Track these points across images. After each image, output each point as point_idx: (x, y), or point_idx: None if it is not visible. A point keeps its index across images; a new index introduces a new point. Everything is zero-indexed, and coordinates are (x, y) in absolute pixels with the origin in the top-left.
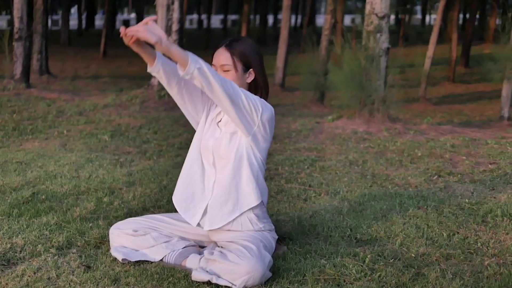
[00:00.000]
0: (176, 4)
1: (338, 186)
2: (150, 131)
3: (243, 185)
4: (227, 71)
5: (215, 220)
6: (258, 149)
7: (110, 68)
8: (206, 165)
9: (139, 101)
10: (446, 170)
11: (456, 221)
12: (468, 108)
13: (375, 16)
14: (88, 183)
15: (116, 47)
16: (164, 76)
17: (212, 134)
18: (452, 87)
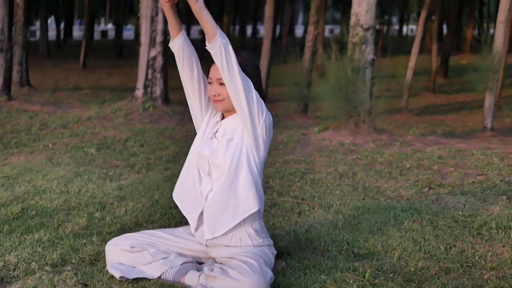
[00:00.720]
0: (160, 16)
1: (331, 199)
2: (137, 144)
3: (242, 190)
4: (223, 84)
5: (217, 227)
6: (258, 154)
7: (90, 79)
8: (202, 173)
9: (123, 113)
10: (436, 182)
11: (451, 234)
12: (450, 118)
13: (360, 28)
14: (78, 198)
15: (96, 58)
16: (181, 54)
17: (208, 144)
18: (432, 98)
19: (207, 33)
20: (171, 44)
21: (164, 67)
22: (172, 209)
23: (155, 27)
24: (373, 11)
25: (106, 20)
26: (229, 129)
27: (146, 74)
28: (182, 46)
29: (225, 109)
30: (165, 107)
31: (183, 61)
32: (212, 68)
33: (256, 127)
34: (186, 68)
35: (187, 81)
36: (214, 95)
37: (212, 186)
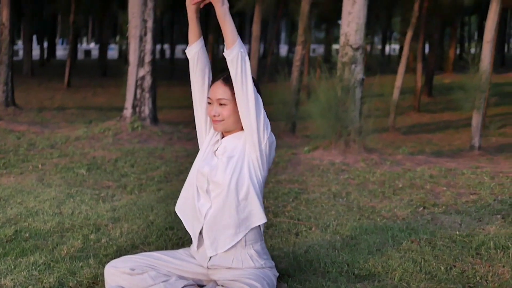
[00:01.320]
0: (149, 36)
1: (327, 220)
2: (127, 164)
3: (244, 207)
4: (223, 105)
5: (219, 244)
6: (260, 171)
7: (75, 99)
8: (200, 191)
9: (112, 133)
10: (430, 201)
11: (451, 254)
12: (437, 137)
13: (349, 48)
14: (72, 219)
15: (80, 77)
16: (196, 61)
17: (208, 162)
18: (418, 117)
19: (227, 39)
20: (188, 50)
21: (152, 87)
22: (168, 231)
23: (144, 46)
24: (362, 31)
25: (88, 40)
26: (229, 147)
27: (134, 94)
28: (199, 53)
29: (224, 129)
30: (153, 127)
31: (196, 69)
32: (212, 88)
33: (261, 143)
34: (199, 76)
35: (197, 91)
36: (214, 115)
37: (211, 204)
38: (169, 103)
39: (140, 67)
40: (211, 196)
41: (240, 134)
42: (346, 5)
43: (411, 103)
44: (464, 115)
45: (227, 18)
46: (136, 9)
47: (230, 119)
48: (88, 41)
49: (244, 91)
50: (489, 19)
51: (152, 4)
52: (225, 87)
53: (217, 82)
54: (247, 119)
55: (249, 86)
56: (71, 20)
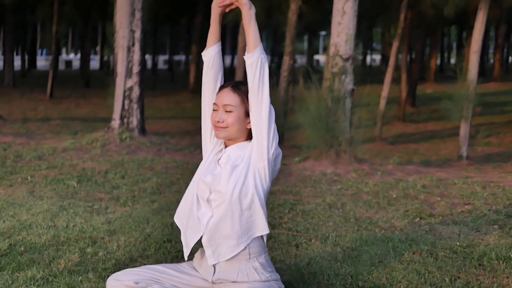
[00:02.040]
0: (137, 46)
1: (326, 231)
2: (117, 175)
3: (247, 217)
4: (229, 112)
5: (221, 253)
6: (265, 182)
7: (59, 110)
8: (201, 200)
9: (100, 145)
10: (426, 211)
11: (454, 265)
12: (423, 147)
13: (339, 58)
14: (67, 232)
15: (62, 88)
16: (211, 64)
17: (211, 171)
18: (403, 127)
19: (250, 43)
20: (205, 53)
21: (140, 98)
22: (166, 243)
23: (132, 57)
24: (352, 42)
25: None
26: (233, 157)
27: (122, 105)
28: (215, 57)
29: (226, 137)
30: (142, 137)
31: (210, 72)
32: (220, 94)
33: (269, 152)
34: (211, 80)
35: (207, 96)
36: (217, 121)
37: (213, 213)
38: (153, 114)
39: (128, 78)
40: (212, 205)
41: (245, 144)
42: (336, 15)
43: (395, 113)
44: (448, 125)
45: (253, 22)
46: (124, 20)
47: (234, 127)
48: (68, 52)
49: (260, 97)
50: (476, 29)
51: (140, 15)
52: (234, 94)
53: (225, 89)
54: (259, 126)
55: (265, 93)
56: (54, 31)
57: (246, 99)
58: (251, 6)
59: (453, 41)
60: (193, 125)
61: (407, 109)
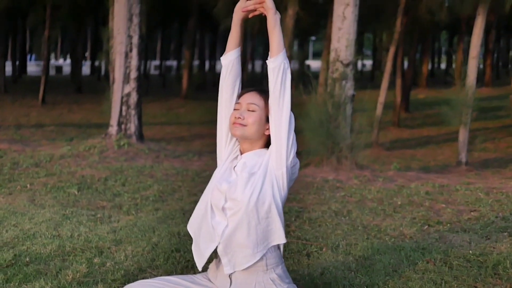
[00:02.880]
0: (135, 52)
1: (335, 240)
2: (118, 183)
3: (264, 225)
4: (252, 111)
5: (237, 262)
6: (283, 190)
7: (52, 115)
8: (215, 208)
9: (98, 151)
10: (433, 219)
11: (469, 274)
12: (420, 153)
13: (340, 64)
14: (72, 242)
15: (54, 94)
16: (230, 69)
17: (226, 178)
18: (398, 132)
19: (273, 47)
20: (224, 57)
21: (138, 104)
22: (175, 253)
23: (129, 63)
24: (352, 47)
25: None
26: (249, 164)
27: (120, 111)
28: (234, 62)
29: (243, 135)
30: (140, 144)
31: (228, 77)
32: (244, 95)
33: (288, 159)
34: (230, 85)
35: (225, 101)
36: (237, 117)
37: (228, 222)
38: (146, 120)
39: (125, 84)
40: (227, 214)
41: (261, 152)
42: (336, 21)
43: (390, 119)
44: (443, 131)
45: (277, 27)
46: (121, 25)
47: (253, 127)
48: (57, 57)
49: (280, 102)
50: (474, 34)
51: (137, 20)
52: (259, 96)
53: (252, 92)
54: (278, 133)
55: (286, 98)
56: (46, 36)
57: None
58: (276, 11)
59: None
60: (188, 131)
61: (401, 114)
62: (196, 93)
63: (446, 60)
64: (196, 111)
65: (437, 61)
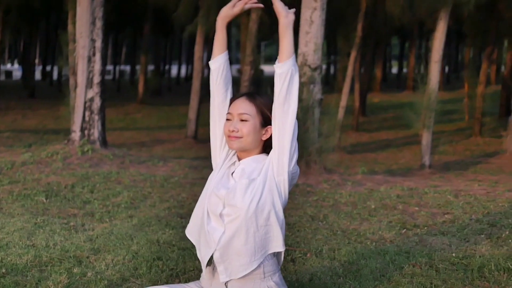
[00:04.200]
0: (98, 56)
1: (317, 245)
2: (86, 190)
3: (262, 233)
4: (245, 120)
5: (233, 270)
6: (283, 198)
7: (6, 122)
8: (211, 215)
9: (61, 158)
10: (409, 222)
11: (457, 277)
12: (381, 156)
13: (307, 68)
14: (48, 252)
15: (6, 99)
16: (220, 73)
17: (224, 184)
18: (357, 136)
19: (283, 52)
20: (213, 61)
21: (102, 109)
22: (157, 261)
23: (92, 67)
24: (320, 51)
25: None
26: (248, 170)
27: (83, 116)
28: (223, 66)
29: (240, 147)
30: (104, 150)
31: (219, 81)
32: (234, 103)
33: (289, 166)
34: (221, 89)
35: (217, 106)
36: (232, 130)
37: (225, 229)
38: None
39: (88, 88)
40: (224, 220)
41: (259, 157)
42: (304, 24)
43: (348, 123)
44: (400, 134)
45: (288, 31)
46: (84, 29)
47: (249, 137)
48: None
49: (286, 108)
50: (436, 39)
51: (100, 24)
52: (249, 103)
53: (241, 98)
54: (281, 139)
55: (291, 104)
56: None
57: (261, 109)
58: (288, 14)
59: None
60: (147, 136)
61: (359, 118)
62: (152, 98)
63: (397, 65)
64: (153, 116)
65: (389, 65)
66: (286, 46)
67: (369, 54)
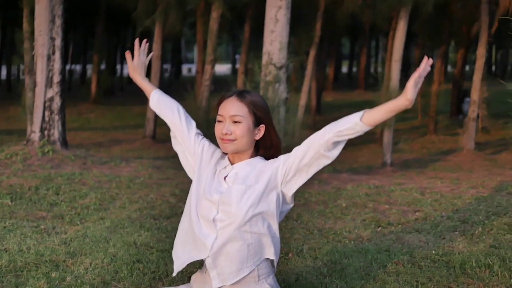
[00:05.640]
0: (57, 54)
1: (297, 244)
2: (50, 192)
3: (256, 240)
4: (238, 122)
5: (226, 277)
6: (284, 206)
7: None
8: (202, 220)
9: (20, 159)
10: (383, 220)
11: (441, 275)
12: (340, 155)
13: (273, 67)
14: (23, 256)
15: None
16: (161, 106)
17: (216, 188)
18: None
19: (374, 120)
20: (152, 104)
21: (62, 109)
22: (137, 264)
23: (52, 66)
24: (285, 50)
25: None
26: (241, 175)
27: (43, 116)
28: (159, 100)
29: (235, 149)
30: (65, 151)
31: (165, 112)
32: (225, 104)
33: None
34: (172, 117)
35: (178, 132)
36: (225, 133)
37: (217, 235)
38: (77, 126)
39: (48, 88)
40: (217, 226)
41: (252, 161)
42: (269, 23)
43: (305, 121)
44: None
45: (395, 113)
46: (43, 27)
47: (244, 138)
48: None
49: (331, 154)
50: (397, 38)
51: (60, 22)
52: (240, 103)
53: (231, 99)
54: (302, 157)
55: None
56: None
57: (253, 109)
58: (412, 101)
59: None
60: (104, 137)
61: (315, 117)
62: (105, 98)
63: (347, 64)
64: (107, 116)
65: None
66: (380, 119)
67: (323, 53)
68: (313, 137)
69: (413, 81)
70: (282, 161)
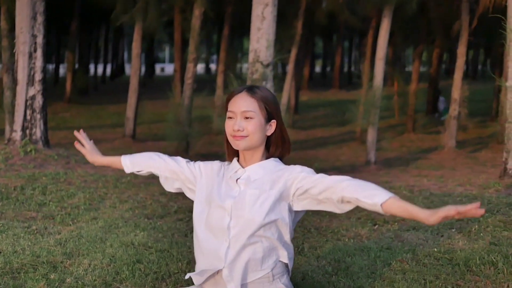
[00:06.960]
0: (39, 52)
1: (297, 243)
2: (37, 192)
3: (272, 245)
4: (249, 118)
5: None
6: (295, 212)
7: None
8: (216, 230)
9: (2, 159)
10: (378, 218)
11: (447, 272)
12: (321, 153)
13: (260, 64)
14: (18, 258)
15: None
16: (144, 171)
17: (228, 193)
18: (294, 134)
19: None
20: (126, 171)
21: (44, 107)
22: (138, 264)
23: (34, 64)
24: (272, 48)
25: None
26: (253, 177)
27: (24, 115)
28: (134, 167)
29: (247, 146)
30: (47, 150)
31: (149, 166)
32: (235, 100)
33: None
34: (155, 163)
35: (168, 171)
36: (237, 129)
37: (230, 242)
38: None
39: (30, 86)
40: (230, 233)
41: (265, 163)
42: (255, 21)
43: (285, 120)
44: (334, 132)
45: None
46: (24, 24)
47: (256, 135)
48: None
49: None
50: (380, 37)
51: (42, 19)
52: (251, 99)
53: (241, 94)
54: (327, 192)
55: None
56: None
57: (264, 104)
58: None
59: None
60: None
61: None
62: (80, 97)
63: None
64: (82, 115)
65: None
66: (395, 213)
67: (301, 52)
68: (334, 183)
69: (446, 215)
70: (300, 177)
